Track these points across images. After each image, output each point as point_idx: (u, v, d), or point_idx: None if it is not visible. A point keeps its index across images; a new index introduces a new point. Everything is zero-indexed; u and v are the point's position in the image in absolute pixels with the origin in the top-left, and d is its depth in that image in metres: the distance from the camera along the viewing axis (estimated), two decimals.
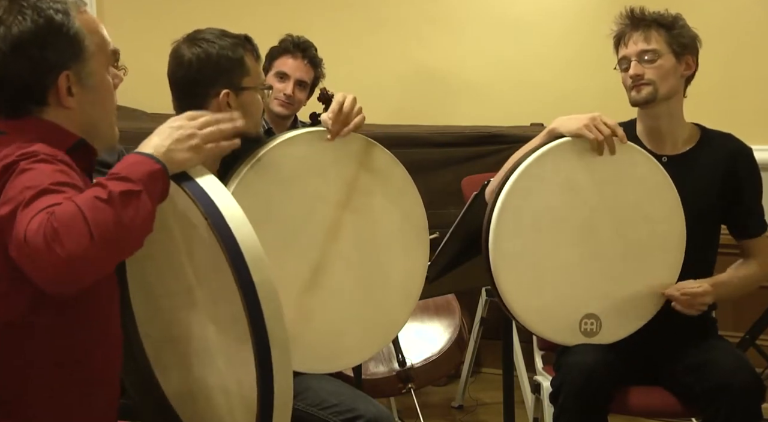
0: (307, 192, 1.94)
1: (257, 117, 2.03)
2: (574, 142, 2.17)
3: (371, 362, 2.89)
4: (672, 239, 2.23)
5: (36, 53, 1.45)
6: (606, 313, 2.22)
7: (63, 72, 1.47)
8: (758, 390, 2.16)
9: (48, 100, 1.48)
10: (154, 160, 1.40)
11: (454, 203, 2.89)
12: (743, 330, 3.10)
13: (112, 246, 1.31)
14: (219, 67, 1.95)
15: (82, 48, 1.48)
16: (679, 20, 2.34)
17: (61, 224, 1.26)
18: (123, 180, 1.35)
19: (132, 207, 1.33)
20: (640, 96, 2.31)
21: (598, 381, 2.18)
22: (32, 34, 1.44)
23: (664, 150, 2.36)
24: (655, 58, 2.29)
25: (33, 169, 1.36)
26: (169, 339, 1.69)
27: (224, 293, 1.41)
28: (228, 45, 1.96)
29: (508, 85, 4.06)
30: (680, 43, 2.31)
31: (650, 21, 2.31)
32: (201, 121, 1.51)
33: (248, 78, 1.98)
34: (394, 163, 2.04)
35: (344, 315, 2.01)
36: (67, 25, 1.46)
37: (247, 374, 1.41)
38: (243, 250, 1.38)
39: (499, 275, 2.15)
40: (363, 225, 2.01)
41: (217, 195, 1.43)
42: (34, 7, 1.45)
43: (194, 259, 1.54)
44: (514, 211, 2.14)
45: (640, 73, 2.30)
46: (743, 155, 2.38)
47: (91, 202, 1.30)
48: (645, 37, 2.30)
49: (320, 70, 3.06)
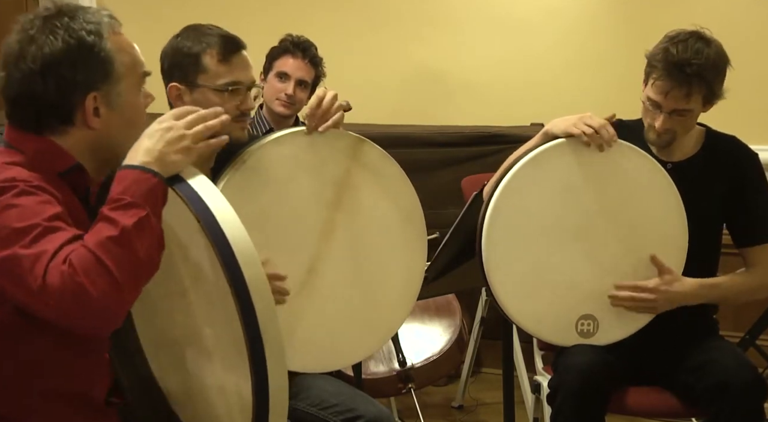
0: (297, 192, 1.93)
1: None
2: (568, 143, 2.17)
3: (371, 362, 2.89)
4: (673, 240, 2.23)
5: (65, 73, 1.45)
6: (604, 314, 2.22)
7: (91, 93, 1.47)
8: (760, 389, 2.16)
9: (74, 119, 1.48)
10: (152, 174, 1.40)
11: (454, 203, 2.88)
12: (743, 330, 3.10)
13: (137, 281, 1.34)
14: (174, 60, 1.97)
15: (112, 70, 1.48)
16: (722, 69, 2.21)
17: (84, 277, 1.27)
18: (129, 207, 1.35)
19: (146, 234, 1.34)
20: (658, 142, 2.29)
21: (596, 382, 2.17)
22: (63, 54, 1.44)
23: (670, 157, 2.35)
24: (687, 115, 2.23)
25: (16, 205, 1.34)
26: (167, 340, 1.69)
27: (219, 294, 1.42)
28: (192, 40, 1.96)
29: (508, 85, 4.06)
30: (714, 94, 2.22)
31: (694, 76, 2.15)
32: (188, 120, 1.49)
33: (203, 76, 1.95)
34: (386, 160, 2.02)
35: (340, 315, 2.00)
36: (98, 46, 1.46)
37: (244, 375, 1.41)
38: (233, 245, 1.38)
39: (493, 276, 2.16)
40: (357, 223, 2.00)
41: (207, 194, 1.43)
42: (67, 27, 1.45)
43: (189, 260, 1.54)
44: (508, 212, 2.14)
45: (669, 127, 2.23)
46: (749, 161, 2.36)
47: (105, 244, 1.30)
48: (686, 96, 2.18)
49: (321, 69, 3.06)
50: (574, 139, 2.16)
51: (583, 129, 2.14)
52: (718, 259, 2.41)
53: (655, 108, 2.24)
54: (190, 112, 1.51)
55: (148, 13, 4.31)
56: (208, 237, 1.39)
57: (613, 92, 3.70)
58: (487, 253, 2.15)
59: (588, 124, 2.14)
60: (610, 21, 3.93)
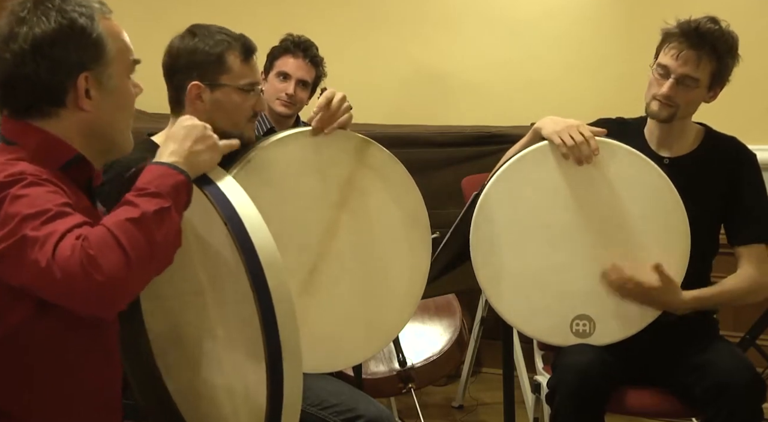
0: (302, 192, 1.93)
1: (235, 117, 2.00)
2: (553, 145, 2.17)
3: (372, 362, 2.89)
4: (673, 239, 2.22)
5: (57, 53, 1.45)
6: (600, 315, 2.22)
7: (82, 73, 1.47)
8: (759, 389, 2.16)
9: (66, 101, 1.48)
10: (178, 171, 1.42)
11: (454, 203, 2.88)
12: (743, 330, 3.10)
13: (149, 267, 1.33)
14: (194, 59, 1.97)
15: (103, 51, 1.48)
16: (733, 49, 2.27)
17: (97, 250, 1.27)
18: (153, 196, 1.36)
19: (165, 225, 1.34)
20: (660, 113, 2.29)
21: (594, 382, 2.17)
22: (54, 35, 1.45)
23: (668, 152, 2.36)
24: (694, 86, 2.26)
25: (26, 194, 1.35)
26: (176, 338, 1.69)
27: (236, 296, 1.41)
28: (212, 40, 1.97)
29: (508, 85, 4.06)
30: (720, 77, 2.28)
31: (708, 44, 2.23)
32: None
33: (226, 76, 1.97)
34: (392, 161, 2.02)
35: (344, 316, 2.00)
36: (90, 27, 1.47)
37: (255, 377, 1.41)
38: (259, 254, 1.38)
39: (484, 278, 2.17)
40: (361, 224, 1.99)
41: (236, 197, 1.43)
42: (59, 9, 1.46)
43: (207, 261, 1.54)
44: (495, 214, 2.16)
45: (672, 96, 2.26)
46: (747, 160, 2.37)
47: (123, 224, 1.30)
48: (696, 62, 2.23)
49: (321, 69, 3.06)
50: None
51: (565, 139, 2.13)
52: (712, 258, 2.41)
53: (664, 75, 2.26)
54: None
55: (148, 13, 4.31)
56: (234, 241, 1.38)
57: (613, 92, 3.71)
58: (475, 254, 2.17)
59: (573, 134, 2.14)
60: (610, 21, 3.93)
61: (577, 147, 2.13)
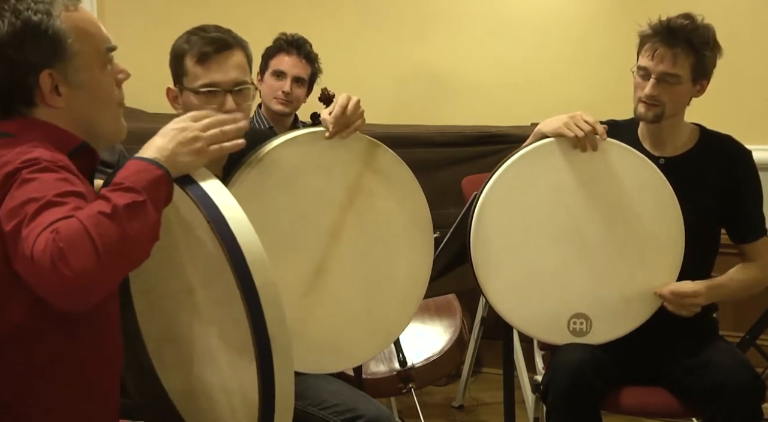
0: (310, 192, 1.93)
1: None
2: (558, 142, 2.18)
3: (372, 362, 2.89)
4: (669, 238, 2.23)
5: (13, 54, 1.44)
6: (597, 313, 2.22)
7: (44, 71, 1.46)
8: (758, 389, 2.16)
9: (35, 100, 1.48)
10: (157, 166, 1.41)
11: (454, 203, 2.89)
12: (744, 330, 3.10)
13: (120, 261, 1.31)
14: (170, 63, 1.98)
15: (64, 47, 1.47)
16: (710, 40, 2.27)
17: (66, 243, 1.26)
18: (127, 190, 1.35)
19: (138, 219, 1.33)
20: (647, 115, 2.30)
21: (586, 379, 2.18)
22: (9, 36, 1.44)
23: (663, 152, 2.36)
24: (675, 83, 2.26)
25: (36, 178, 1.35)
26: (171, 338, 1.69)
27: (226, 295, 1.41)
28: (182, 42, 1.96)
29: (508, 85, 4.06)
30: (703, 70, 2.28)
31: (682, 40, 2.24)
32: (205, 123, 1.51)
33: (185, 78, 1.95)
34: (398, 163, 2.02)
35: (346, 316, 2.00)
36: (45, 24, 1.45)
37: (249, 375, 1.41)
38: (245, 254, 1.38)
39: (482, 276, 2.18)
40: (366, 225, 2.00)
41: (220, 198, 1.43)
42: (13, 9, 1.45)
43: (196, 261, 1.54)
44: (495, 212, 2.16)
45: (656, 95, 2.27)
46: (742, 158, 2.37)
47: (95, 217, 1.29)
48: (673, 59, 2.24)
49: (317, 65, 3.07)
50: (563, 139, 2.17)
51: (575, 131, 2.14)
52: (713, 257, 2.42)
53: (645, 76, 2.28)
54: (208, 116, 1.52)
55: (148, 13, 4.31)
56: (218, 242, 1.39)
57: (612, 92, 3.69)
58: (475, 252, 2.17)
59: (578, 124, 2.15)
60: (610, 21, 3.93)
61: (591, 133, 2.15)
